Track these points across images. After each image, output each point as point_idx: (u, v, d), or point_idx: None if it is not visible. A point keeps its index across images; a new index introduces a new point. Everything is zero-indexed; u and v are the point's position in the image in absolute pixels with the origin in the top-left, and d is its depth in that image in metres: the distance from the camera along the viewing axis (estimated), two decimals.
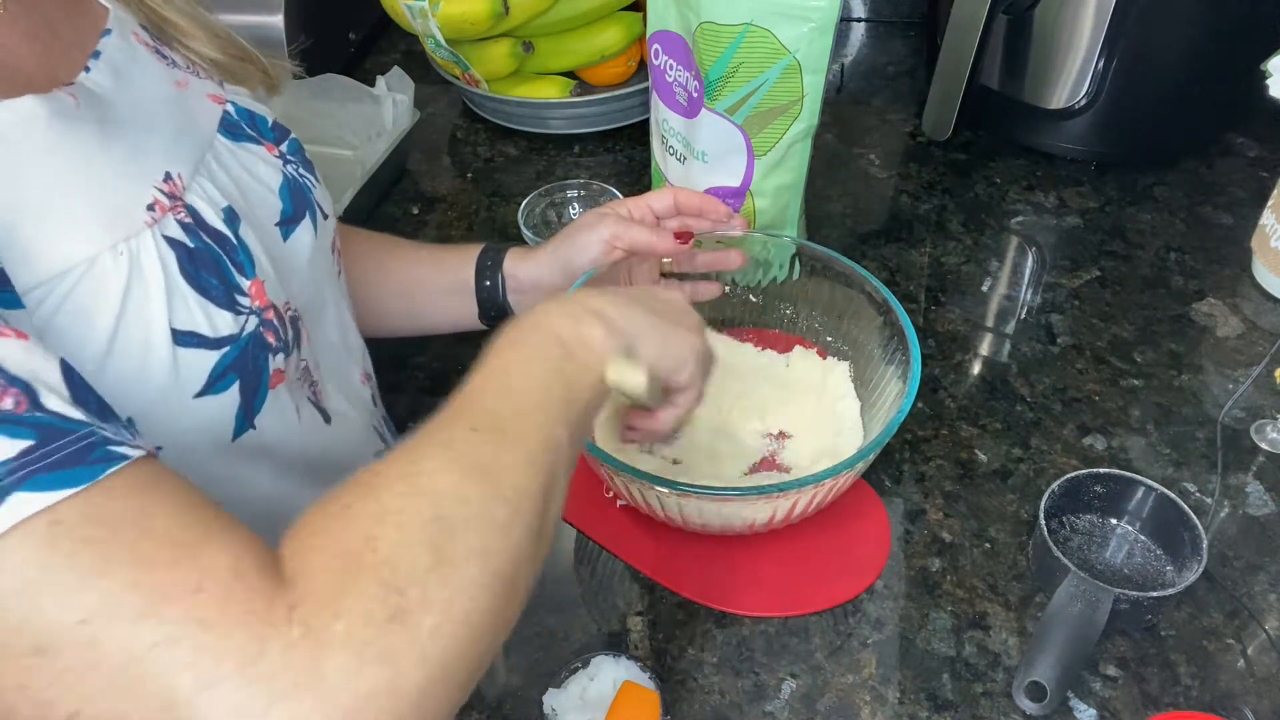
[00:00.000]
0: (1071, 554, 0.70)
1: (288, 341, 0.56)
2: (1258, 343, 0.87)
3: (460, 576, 0.39)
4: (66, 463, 0.35)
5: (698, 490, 0.62)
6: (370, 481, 0.41)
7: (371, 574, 0.37)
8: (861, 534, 0.73)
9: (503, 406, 0.46)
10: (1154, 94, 1.00)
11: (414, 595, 0.37)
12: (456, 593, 0.38)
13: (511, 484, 0.43)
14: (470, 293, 0.78)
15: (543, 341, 0.50)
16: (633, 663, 0.63)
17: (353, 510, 0.40)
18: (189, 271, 0.49)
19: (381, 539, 0.38)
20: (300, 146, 0.65)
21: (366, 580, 0.37)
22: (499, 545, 0.41)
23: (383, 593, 0.37)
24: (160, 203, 0.49)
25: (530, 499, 0.43)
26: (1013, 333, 0.90)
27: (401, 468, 0.42)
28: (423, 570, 0.38)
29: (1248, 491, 0.75)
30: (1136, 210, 1.02)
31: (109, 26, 0.53)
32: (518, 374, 0.48)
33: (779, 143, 0.81)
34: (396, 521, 0.39)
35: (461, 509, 0.40)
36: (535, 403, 0.47)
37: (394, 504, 0.40)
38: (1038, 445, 0.79)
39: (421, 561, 0.38)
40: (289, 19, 1.14)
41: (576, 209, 1.00)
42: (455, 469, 0.42)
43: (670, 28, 0.82)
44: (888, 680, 0.65)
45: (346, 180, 1.02)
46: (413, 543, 0.38)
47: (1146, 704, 0.63)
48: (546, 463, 0.45)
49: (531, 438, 0.45)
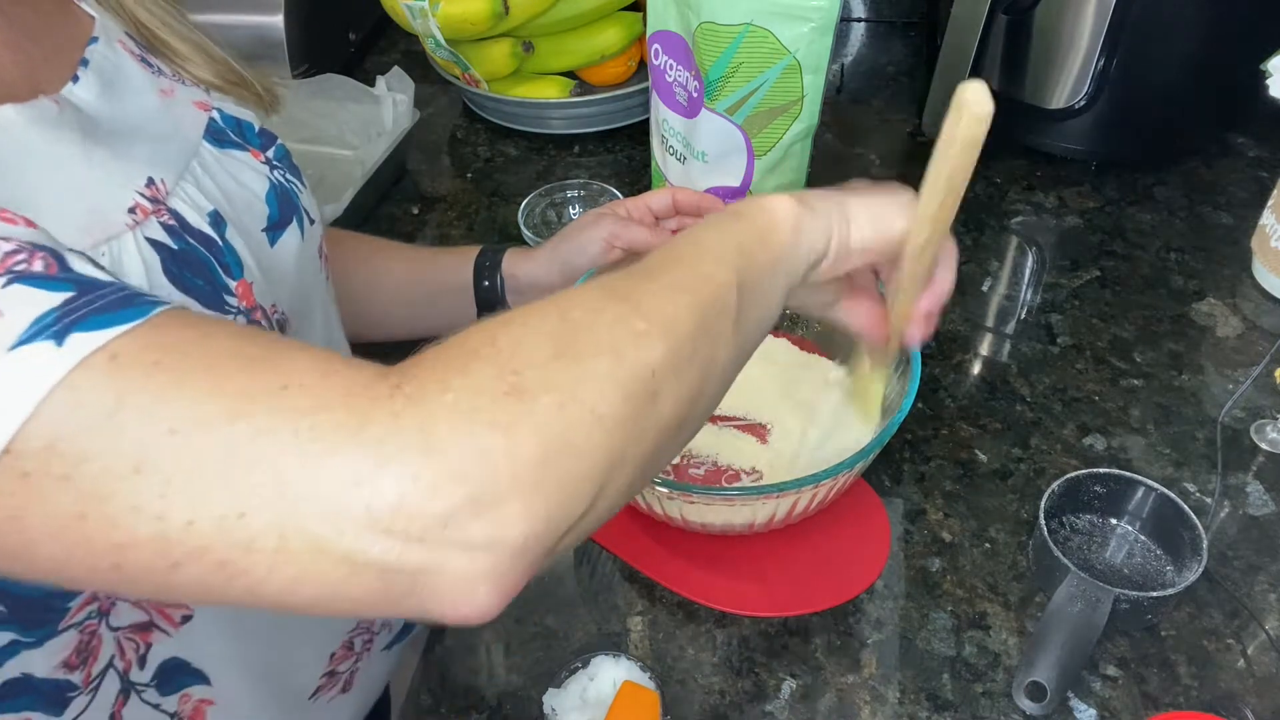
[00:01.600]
0: (1071, 554, 0.70)
1: None
2: (1258, 343, 0.87)
3: (585, 368, 0.37)
4: (112, 307, 0.34)
5: (698, 490, 0.62)
6: (488, 323, 0.39)
7: (487, 360, 0.36)
8: (861, 534, 0.73)
9: (656, 260, 0.44)
10: (1154, 94, 1.00)
11: (532, 376, 0.36)
12: (581, 380, 0.37)
13: (653, 305, 0.41)
14: (469, 294, 0.78)
15: (714, 220, 0.48)
16: (633, 663, 0.63)
17: (481, 323, 0.38)
18: (173, 272, 0.48)
19: (502, 336, 0.37)
20: (287, 152, 0.64)
21: (480, 364, 0.36)
22: (632, 351, 0.39)
23: (497, 372, 0.35)
24: (142, 206, 0.49)
25: (673, 322, 0.41)
26: (1013, 333, 0.90)
27: (542, 302, 0.40)
28: (544, 357, 0.37)
29: (1248, 491, 0.75)
30: (1136, 210, 1.02)
31: (95, 35, 0.53)
32: (682, 238, 0.46)
33: (779, 143, 0.81)
34: (522, 320, 0.38)
35: (593, 316, 0.39)
36: (693, 253, 0.45)
37: (521, 314, 0.39)
38: (1038, 445, 0.79)
39: (543, 350, 0.37)
40: (289, 19, 1.14)
41: (576, 209, 1.00)
42: (594, 290, 0.41)
43: (670, 28, 0.82)
44: (888, 680, 0.65)
45: (346, 180, 1.02)
46: (535, 336, 0.37)
47: (1146, 704, 0.63)
48: (700, 296, 0.42)
49: (683, 272, 0.43)
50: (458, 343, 0.38)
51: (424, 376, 0.35)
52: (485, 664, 0.67)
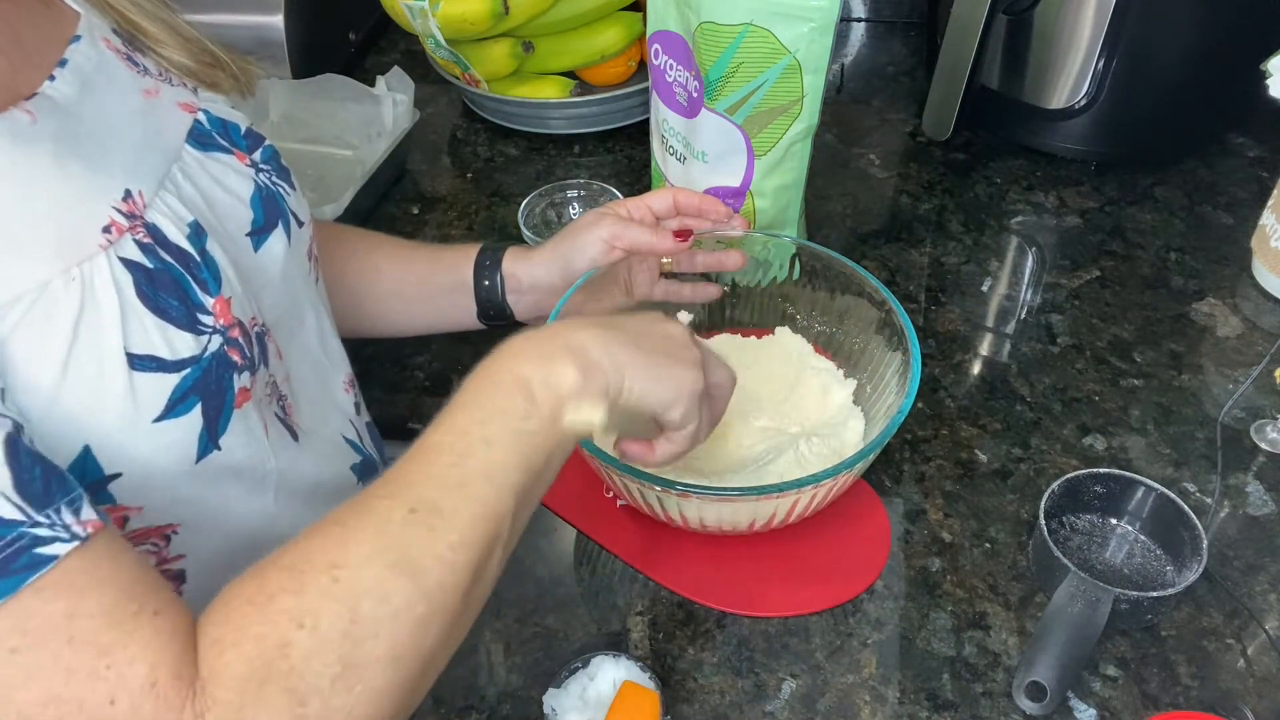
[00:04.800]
0: (1071, 554, 0.70)
1: (254, 359, 0.55)
2: (1258, 343, 0.87)
3: (364, 685, 0.42)
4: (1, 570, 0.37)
5: (698, 490, 0.62)
6: (301, 564, 0.43)
7: (280, 682, 0.40)
8: (861, 534, 0.73)
9: (450, 475, 0.47)
10: (1154, 94, 1.00)
11: (315, 706, 0.41)
12: (357, 700, 0.42)
13: (437, 580, 0.45)
14: (469, 292, 0.78)
15: (507, 393, 0.50)
16: (633, 663, 0.63)
17: (275, 604, 0.42)
18: (146, 293, 0.48)
19: (295, 646, 0.41)
20: (275, 153, 0.64)
21: (273, 689, 0.40)
22: (412, 645, 0.44)
23: (286, 702, 0.40)
24: (117, 224, 0.48)
25: (453, 593, 0.45)
26: (1013, 333, 0.90)
27: (333, 554, 0.43)
28: (328, 680, 0.41)
29: (1248, 491, 0.75)
30: (1136, 210, 1.02)
31: (79, 33, 0.52)
32: (475, 435, 0.48)
33: (779, 143, 0.81)
34: (313, 625, 0.42)
35: (381, 608, 0.43)
36: (485, 473, 0.47)
37: (314, 604, 0.42)
38: (1038, 445, 0.79)
39: (329, 671, 0.41)
40: (289, 19, 1.14)
41: (576, 209, 1.00)
42: (382, 562, 0.44)
43: (670, 28, 0.82)
44: (888, 680, 0.65)
45: (346, 180, 1.02)
46: (324, 651, 0.41)
47: (1146, 704, 0.63)
48: (484, 543, 0.46)
49: (472, 516, 0.46)
50: (257, 629, 0.41)
51: (225, 704, 0.40)
52: (485, 664, 0.67)
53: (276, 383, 0.60)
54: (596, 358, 0.52)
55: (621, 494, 0.70)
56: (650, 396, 0.54)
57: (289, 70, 1.15)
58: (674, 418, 0.56)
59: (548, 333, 0.53)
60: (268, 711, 0.40)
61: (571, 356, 0.51)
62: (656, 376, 0.54)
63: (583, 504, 0.75)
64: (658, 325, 0.58)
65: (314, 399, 0.66)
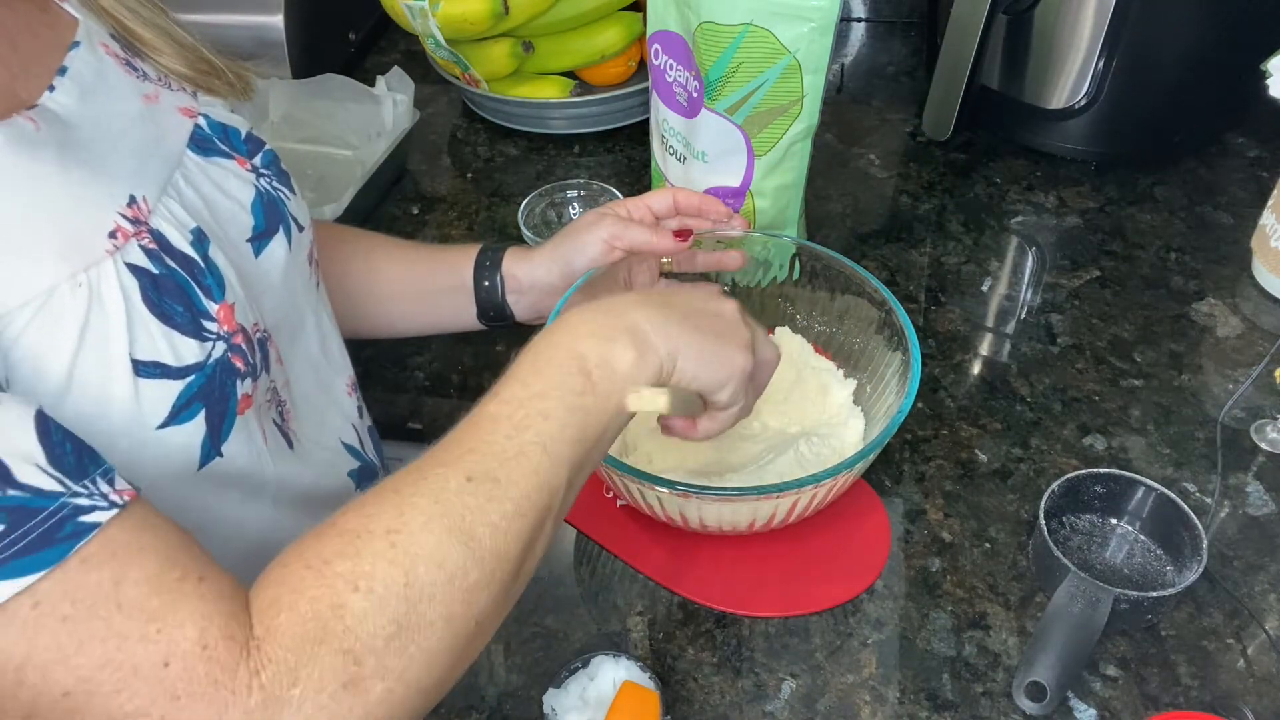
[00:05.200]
0: (1071, 554, 0.70)
1: (256, 365, 0.55)
2: (1258, 343, 0.87)
3: (418, 646, 0.42)
4: (38, 544, 0.37)
5: (698, 490, 0.62)
6: (358, 529, 0.43)
7: (335, 642, 0.41)
8: (861, 534, 0.73)
9: (507, 446, 0.47)
10: (1154, 94, 1.00)
11: (370, 664, 0.41)
12: (411, 661, 0.42)
13: (491, 548, 0.45)
14: (469, 293, 0.78)
15: (565, 369, 0.50)
16: (633, 663, 0.63)
17: (331, 568, 0.42)
18: (152, 299, 0.48)
19: (349, 607, 0.41)
20: (276, 157, 0.64)
21: (327, 649, 0.41)
22: (464, 610, 0.44)
23: (341, 662, 0.41)
24: (123, 229, 0.48)
25: (507, 561, 0.46)
26: (1013, 333, 0.90)
27: (390, 520, 0.44)
28: (383, 640, 0.41)
29: (1248, 491, 0.75)
30: (1136, 210, 1.02)
31: (77, 39, 0.52)
32: (532, 409, 0.48)
33: (779, 143, 0.81)
34: (368, 588, 0.42)
35: (436, 572, 0.43)
36: (542, 445, 0.48)
37: (370, 567, 0.42)
38: (1038, 445, 0.79)
39: (383, 633, 0.42)
40: (289, 19, 1.14)
41: (576, 209, 1.00)
42: (439, 527, 0.44)
43: (670, 28, 0.82)
44: (888, 680, 0.65)
45: (346, 180, 1.02)
46: (379, 613, 0.42)
47: (1146, 704, 0.63)
48: (537, 513, 0.47)
49: (527, 487, 0.47)
50: (312, 591, 0.42)
51: (279, 664, 0.40)
52: (485, 664, 0.67)
53: (276, 389, 0.60)
54: (652, 339, 0.52)
55: (621, 494, 0.70)
56: (702, 378, 0.55)
57: (289, 70, 1.15)
58: (722, 398, 0.57)
59: (606, 308, 0.53)
60: (322, 671, 0.40)
61: (629, 337, 0.51)
62: (709, 359, 0.55)
63: (583, 504, 0.75)
64: (711, 303, 0.58)
65: (314, 404, 0.66)
